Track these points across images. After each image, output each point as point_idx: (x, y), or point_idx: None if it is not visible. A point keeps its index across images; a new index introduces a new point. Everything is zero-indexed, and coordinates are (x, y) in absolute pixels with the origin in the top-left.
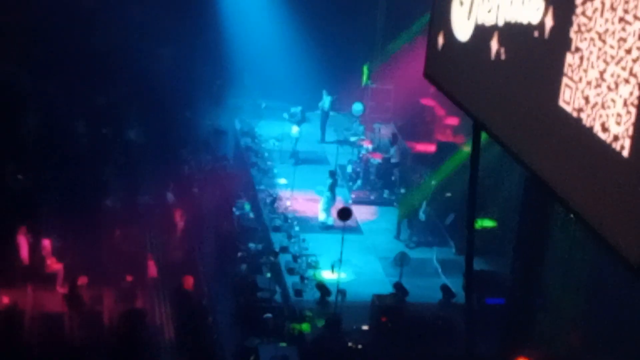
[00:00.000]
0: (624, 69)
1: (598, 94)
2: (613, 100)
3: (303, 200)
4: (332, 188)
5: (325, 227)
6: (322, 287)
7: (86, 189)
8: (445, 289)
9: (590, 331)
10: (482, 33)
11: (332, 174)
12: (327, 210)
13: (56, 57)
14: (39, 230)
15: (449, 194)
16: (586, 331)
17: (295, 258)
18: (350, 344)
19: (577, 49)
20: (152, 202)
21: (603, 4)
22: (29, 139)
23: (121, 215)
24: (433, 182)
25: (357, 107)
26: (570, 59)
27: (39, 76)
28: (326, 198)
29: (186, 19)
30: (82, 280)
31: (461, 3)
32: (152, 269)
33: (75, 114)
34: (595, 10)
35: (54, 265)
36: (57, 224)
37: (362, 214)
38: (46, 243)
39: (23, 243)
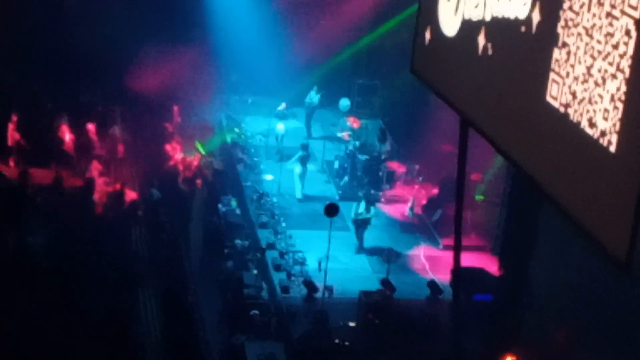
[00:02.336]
0: (611, 64)
1: (585, 89)
2: (600, 96)
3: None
4: (303, 161)
5: (301, 200)
6: (309, 284)
7: (70, 185)
8: (432, 285)
9: (577, 329)
10: (469, 28)
11: (305, 147)
12: (300, 184)
13: (41, 55)
14: (26, 236)
15: (436, 190)
16: (573, 329)
17: (282, 254)
18: (337, 340)
19: (564, 44)
20: (138, 197)
21: None
22: (14, 136)
23: (107, 211)
24: (420, 178)
25: (344, 102)
26: (557, 54)
27: (23, 74)
28: (299, 171)
29: (172, 15)
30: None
31: None
32: (138, 265)
33: (60, 111)
34: (582, 5)
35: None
36: (43, 223)
37: (348, 210)
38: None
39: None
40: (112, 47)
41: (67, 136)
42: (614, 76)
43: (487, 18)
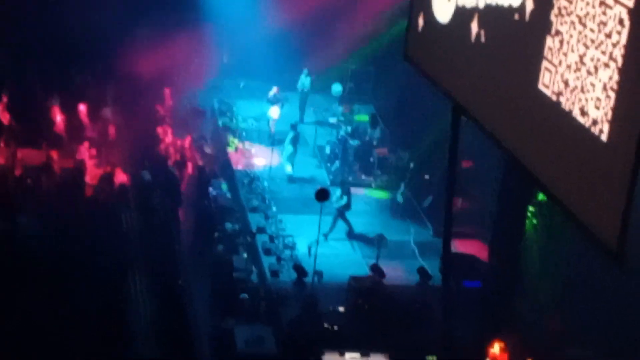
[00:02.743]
0: (603, 53)
1: (577, 78)
2: (592, 84)
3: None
4: (294, 141)
5: (291, 180)
6: (299, 268)
7: (60, 167)
8: (422, 271)
9: (567, 316)
10: (462, 15)
11: (294, 127)
12: (290, 163)
13: (32, 36)
14: (16, 218)
15: (427, 176)
16: (563, 316)
17: (272, 239)
18: (326, 325)
19: (557, 32)
20: (129, 181)
21: None
22: (4, 117)
23: (97, 195)
24: (411, 164)
25: (336, 88)
26: (550, 42)
27: (14, 55)
28: (288, 151)
29: None
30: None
31: None
32: (129, 248)
33: (50, 91)
34: None
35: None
36: (32, 204)
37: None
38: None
39: None
40: (104, 29)
41: (58, 117)
42: (606, 65)
43: (481, 5)
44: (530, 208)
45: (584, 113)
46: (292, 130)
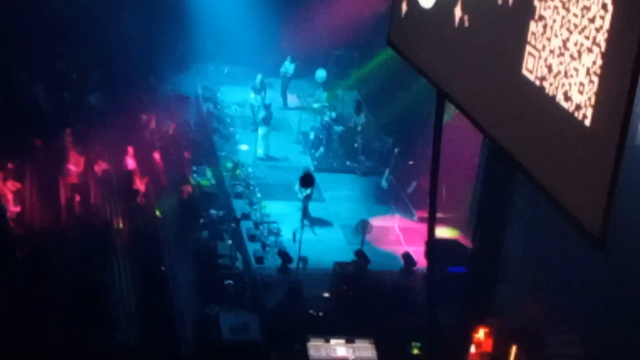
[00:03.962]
0: (587, 37)
1: (561, 63)
2: (576, 69)
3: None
4: (266, 120)
5: (262, 159)
6: (284, 255)
7: (45, 154)
8: (406, 257)
9: (550, 302)
10: (446, 0)
11: (267, 107)
12: (264, 142)
13: (16, 22)
14: None
15: (411, 162)
16: (546, 302)
17: (256, 225)
18: (311, 311)
19: (541, 17)
20: (112, 167)
21: None
22: None
23: (81, 180)
24: (396, 150)
25: (320, 73)
26: (533, 27)
27: None
28: (263, 131)
29: None
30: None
31: None
32: (112, 235)
33: (35, 78)
34: None
35: (14, 230)
36: (15, 189)
37: (323, 181)
38: (6, 207)
39: None
40: (87, 15)
41: (42, 104)
42: (589, 50)
43: None
44: (514, 193)
45: (567, 98)
46: (265, 110)
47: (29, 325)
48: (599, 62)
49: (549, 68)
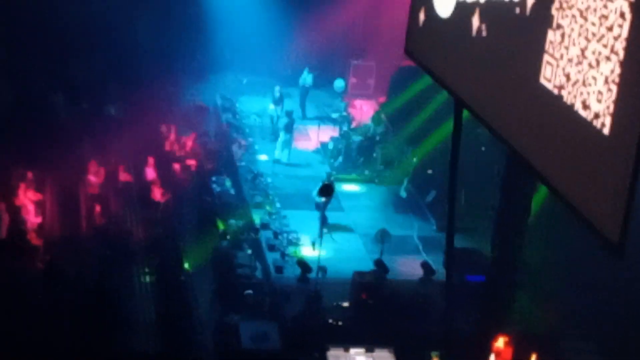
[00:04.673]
0: (605, 46)
1: (579, 72)
2: (594, 78)
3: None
4: (288, 128)
5: (278, 162)
6: (303, 264)
7: (65, 163)
8: (425, 266)
9: (568, 309)
10: (463, 9)
11: (289, 114)
12: (283, 149)
13: (34, 30)
14: (17, 204)
15: (430, 171)
16: (565, 309)
17: (276, 235)
18: (330, 320)
19: (559, 26)
20: (132, 177)
21: None
22: (6, 113)
23: (101, 191)
24: (414, 159)
25: (339, 83)
26: (551, 36)
27: (15, 49)
28: (283, 137)
29: None
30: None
31: None
32: (132, 245)
33: (54, 88)
34: None
35: (34, 240)
36: (35, 200)
37: (342, 191)
38: (26, 218)
39: (3, 217)
40: (106, 24)
41: (61, 114)
42: (608, 58)
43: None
44: (532, 201)
45: (585, 106)
46: (287, 117)
47: (49, 334)
48: (618, 70)
49: (567, 77)
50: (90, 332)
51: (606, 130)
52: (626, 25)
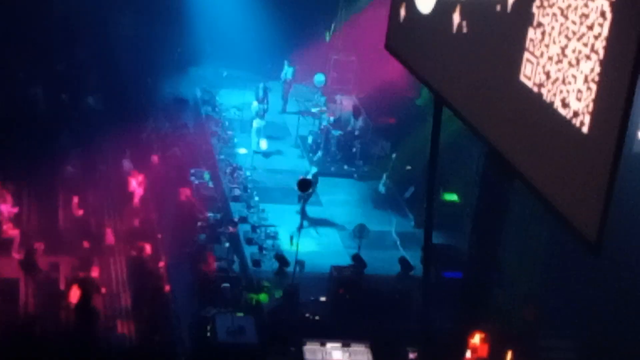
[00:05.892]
0: (585, 45)
1: (559, 70)
2: (574, 76)
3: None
4: (260, 115)
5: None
6: (281, 258)
7: (44, 155)
8: (403, 261)
9: (545, 306)
10: (444, 6)
11: (261, 100)
12: (258, 136)
13: (15, 23)
14: None
15: (409, 167)
16: (541, 306)
17: (254, 228)
18: (307, 314)
19: (539, 24)
20: (110, 169)
21: None
22: None
23: (79, 182)
24: (393, 155)
25: (319, 78)
26: (532, 33)
27: None
28: (257, 125)
29: None
30: (39, 247)
31: None
32: (109, 237)
33: (34, 79)
34: None
35: (10, 231)
36: (13, 190)
37: (321, 185)
38: (2, 209)
39: None
40: (87, 17)
41: (41, 106)
42: (588, 57)
43: None
44: (510, 198)
45: (565, 105)
46: (260, 103)
47: (26, 326)
48: (597, 69)
49: (547, 75)
50: (67, 325)
51: (585, 129)
52: (607, 25)
